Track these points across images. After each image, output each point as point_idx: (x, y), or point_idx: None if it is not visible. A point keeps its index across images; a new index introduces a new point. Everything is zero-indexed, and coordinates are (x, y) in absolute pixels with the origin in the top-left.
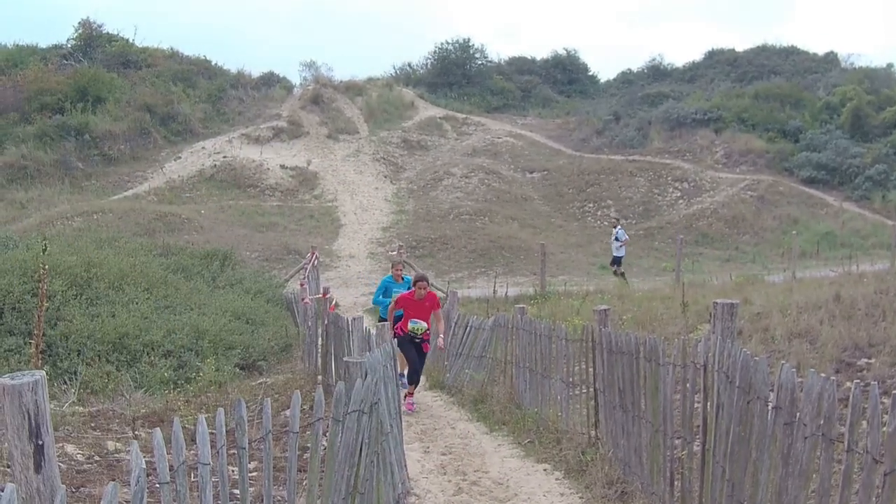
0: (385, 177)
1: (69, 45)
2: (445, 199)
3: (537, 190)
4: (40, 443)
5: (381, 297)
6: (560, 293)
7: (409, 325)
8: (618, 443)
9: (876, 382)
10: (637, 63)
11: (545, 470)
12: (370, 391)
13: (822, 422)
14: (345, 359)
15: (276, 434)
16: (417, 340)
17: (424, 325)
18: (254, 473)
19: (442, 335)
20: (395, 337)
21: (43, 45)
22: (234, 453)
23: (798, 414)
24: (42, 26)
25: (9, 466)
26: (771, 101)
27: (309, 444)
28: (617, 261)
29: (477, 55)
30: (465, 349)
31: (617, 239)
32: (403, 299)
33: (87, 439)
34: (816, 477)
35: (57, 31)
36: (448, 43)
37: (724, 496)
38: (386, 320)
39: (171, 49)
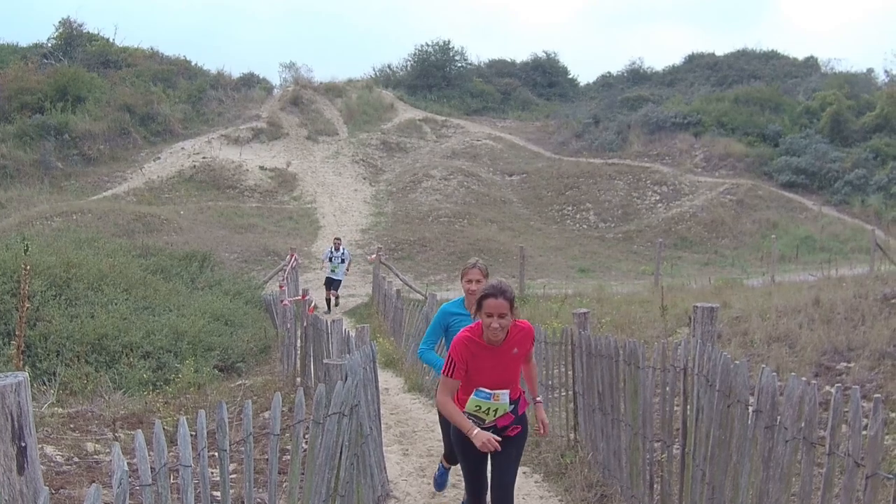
0: (364, 178)
1: (49, 45)
2: (424, 201)
3: (516, 193)
4: (23, 444)
5: (432, 343)
6: (539, 296)
7: (475, 401)
8: (597, 446)
9: (857, 386)
10: (617, 66)
11: (524, 473)
12: (350, 394)
13: (802, 425)
14: (325, 361)
15: (256, 436)
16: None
17: (506, 399)
18: (234, 476)
19: (539, 401)
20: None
21: (23, 43)
22: (214, 455)
23: (779, 417)
24: (22, 25)
25: None
26: (751, 105)
27: (289, 447)
28: None
29: (457, 57)
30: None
31: None
32: (463, 344)
33: (67, 441)
34: (797, 480)
35: (37, 30)
36: (428, 45)
37: (704, 499)
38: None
39: (152, 49)
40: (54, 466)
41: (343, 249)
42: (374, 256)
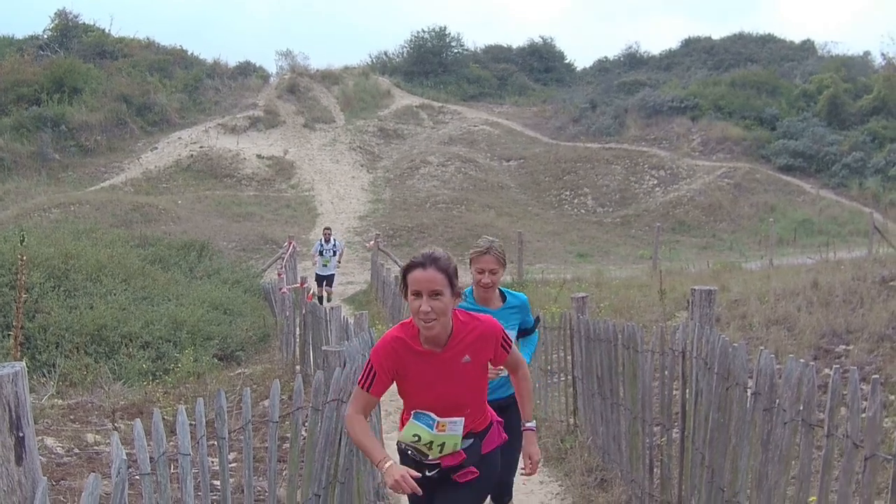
0: (362, 166)
1: (45, 36)
2: (422, 187)
3: (514, 178)
4: (21, 435)
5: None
6: (538, 281)
7: (412, 429)
8: (597, 430)
9: (855, 368)
10: (613, 51)
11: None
12: (349, 380)
13: (801, 407)
14: (324, 348)
15: (255, 424)
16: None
17: (458, 429)
18: (234, 464)
19: (529, 428)
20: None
21: (19, 35)
22: (213, 444)
23: (777, 400)
24: (18, 17)
25: None
26: (747, 88)
27: (289, 434)
28: None
29: (453, 43)
30: None
31: None
32: (389, 346)
33: (67, 432)
34: (796, 463)
35: (33, 22)
36: (424, 31)
37: (703, 482)
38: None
39: (148, 39)
40: (54, 458)
41: (334, 240)
42: (372, 243)
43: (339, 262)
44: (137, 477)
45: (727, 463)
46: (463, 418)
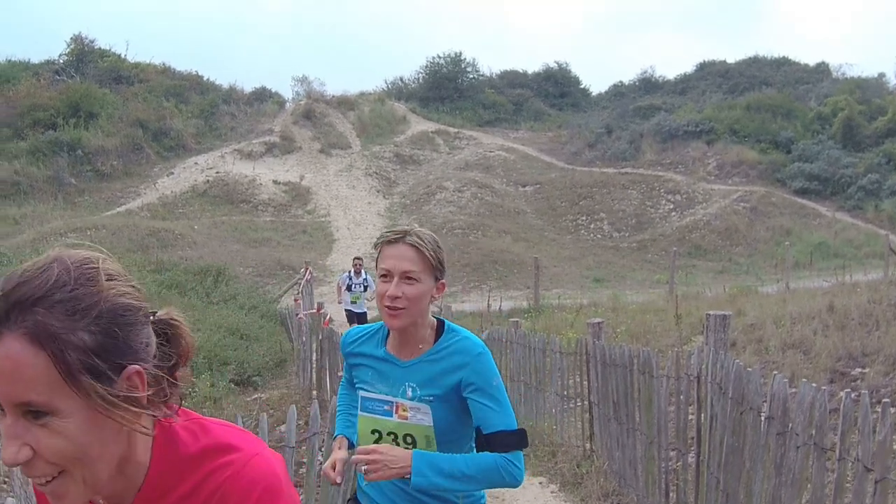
0: (378, 191)
1: (61, 61)
2: (438, 213)
3: (530, 203)
4: None
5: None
6: (554, 307)
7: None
8: (613, 455)
9: (867, 391)
10: (628, 76)
11: (540, 483)
12: None
13: (813, 431)
14: (340, 374)
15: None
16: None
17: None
18: None
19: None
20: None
21: (35, 60)
22: None
23: (790, 424)
24: (34, 41)
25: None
26: (763, 112)
27: (305, 459)
28: None
29: (468, 69)
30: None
31: None
32: None
33: None
34: (809, 486)
35: (49, 47)
36: (440, 57)
37: None
38: None
39: (163, 64)
40: None
41: (365, 274)
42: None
43: (369, 299)
44: None
45: (741, 487)
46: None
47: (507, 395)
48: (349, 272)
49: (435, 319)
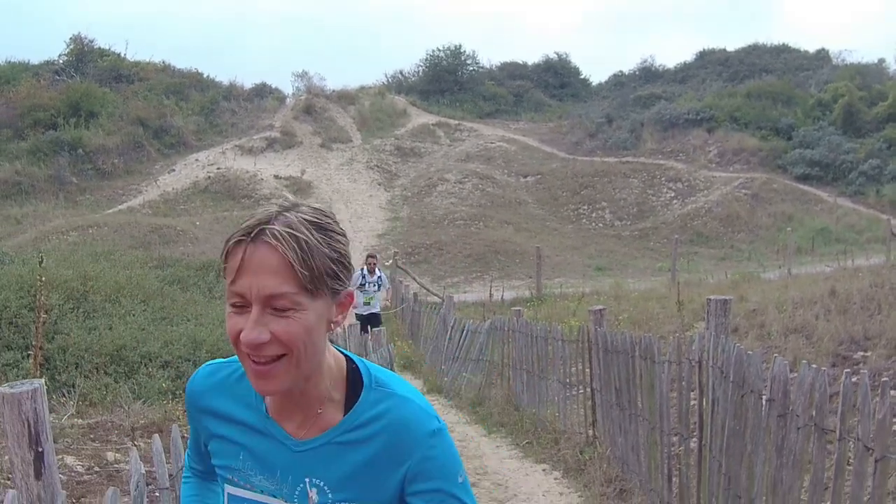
0: (379, 184)
1: (61, 61)
2: (440, 204)
3: (531, 194)
4: (40, 450)
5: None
6: (556, 295)
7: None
8: (615, 441)
9: (866, 373)
10: (628, 65)
11: (544, 470)
12: None
13: (814, 412)
14: None
15: None
16: None
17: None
18: None
19: None
20: None
21: (35, 60)
22: None
23: (791, 406)
24: (34, 42)
25: (9, 478)
26: (763, 99)
27: None
28: None
29: (468, 61)
30: (461, 353)
31: None
32: None
33: (87, 450)
34: (810, 467)
35: (49, 47)
36: (439, 50)
37: (720, 490)
38: None
39: (163, 62)
40: (75, 476)
41: (380, 273)
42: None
43: (385, 299)
44: (157, 494)
45: (743, 470)
46: None
47: (474, 497)
48: (362, 270)
49: (343, 357)
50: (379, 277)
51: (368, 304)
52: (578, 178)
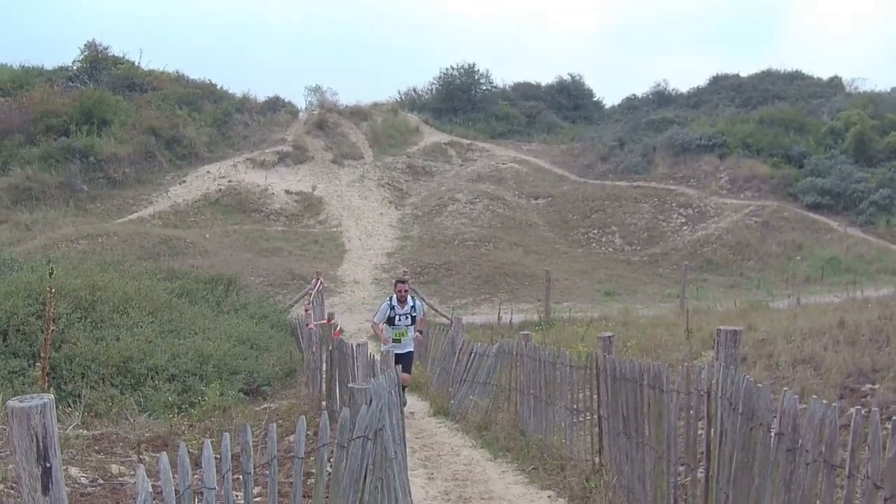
0: (390, 202)
1: (75, 67)
2: (450, 225)
3: (542, 216)
4: (48, 465)
5: None
6: (565, 320)
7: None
8: (622, 469)
9: (878, 408)
10: (642, 89)
11: (549, 496)
12: (375, 417)
13: (823, 448)
14: (350, 385)
15: (280, 459)
16: None
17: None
18: (258, 499)
19: None
20: None
21: (48, 66)
22: (238, 478)
23: (800, 440)
24: (48, 48)
25: (13, 488)
26: (775, 126)
27: (314, 470)
28: None
29: (482, 81)
30: (469, 375)
31: None
32: None
33: (92, 462)
34: (819, 503)
35: (63, 53)
36: (453, 68)
37: None
38: None
39: (177, 72)
40: (79, 488)
41: (413, 301)
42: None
43: (421, 331)
44: None
45: (750, 503)
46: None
47: None
48: (390, 300)
49: None
50: (412, 307)
51: (399, 340)
52: (589, 201)
